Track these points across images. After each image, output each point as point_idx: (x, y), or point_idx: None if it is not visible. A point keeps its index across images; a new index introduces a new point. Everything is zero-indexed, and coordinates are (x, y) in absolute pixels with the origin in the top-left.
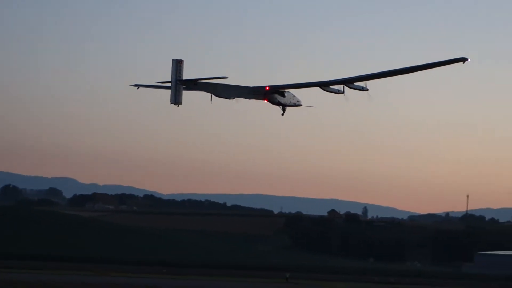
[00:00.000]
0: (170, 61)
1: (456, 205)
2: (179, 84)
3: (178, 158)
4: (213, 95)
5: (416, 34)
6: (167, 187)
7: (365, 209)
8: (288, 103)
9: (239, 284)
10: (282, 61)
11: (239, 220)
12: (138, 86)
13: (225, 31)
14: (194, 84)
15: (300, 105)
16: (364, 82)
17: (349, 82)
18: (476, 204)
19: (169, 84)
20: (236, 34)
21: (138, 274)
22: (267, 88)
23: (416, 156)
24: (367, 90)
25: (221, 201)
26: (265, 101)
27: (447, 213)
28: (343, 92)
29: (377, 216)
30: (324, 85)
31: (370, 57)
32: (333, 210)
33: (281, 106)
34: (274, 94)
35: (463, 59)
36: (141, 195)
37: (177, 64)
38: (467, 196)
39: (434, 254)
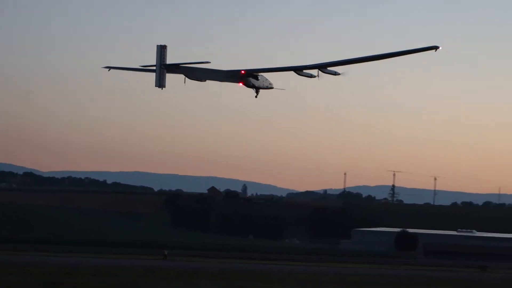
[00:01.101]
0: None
1: (333, 183)
2: (163, 68)
3: (58, 135)
4: (187, 78)
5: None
6: (46, 164)
7: (245, 187)
8: (261, 86)
9: (117, 261)
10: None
11: (119, 197)
12: (110, 68)
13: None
14: (177, 68)
15: (272, 88)
16: (337, 67)
17: (323, 67)
18: (353, 181)
19: (153, 68)
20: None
21: (16, 252)
22: (243, 72)
23: (294, 134)
24: (339, 74)
25: (101, 179)
26: (241, 84)
27: (325, 191)
28: (315, 76)
29: (256, 194)
30: (299, 70)
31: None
32: (213, 187)
33: (255, 89)
34: (248, 78)
35: (435, 47)
36: (20, 172)
37: (161, 49)
38: (345, 174)
39: (312, 231)
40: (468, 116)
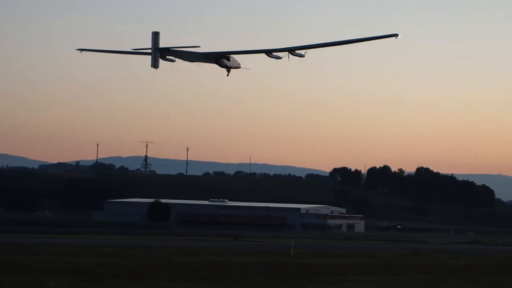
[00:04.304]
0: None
1: (86, 154)
2: (157, 51)
3: None
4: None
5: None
6: None
7: None
8: (232, 66)
9: None
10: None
11: None
12: (82, 50)
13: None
14: (168, 51)
15: (240, 67)
16: (304, 50)
17: (292, 50)
18: (106, 152)
19: (147, 51)
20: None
21: None
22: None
23: (44, 103)
24: (304, 56)
25: None
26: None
27: (78, 162)
28: (281, 58)
29: (6, 166)
30: (269, 52)
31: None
32: None
33: (226, 68)
34: (222, 59)
35: (395, 35)
36: None
37: (156, 35)
38: (97, 145)
39: (65, 203)
40: (215, 86)
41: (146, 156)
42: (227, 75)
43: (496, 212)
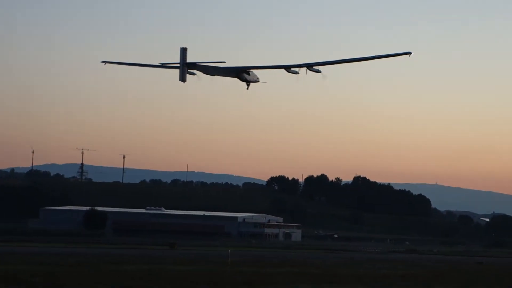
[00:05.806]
0: None
1: (21, 161)
2: (185, 66)
3: None
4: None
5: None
6: None
7: None
8: (252, 80)
9: None
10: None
11: None
12: (105, 62)
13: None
14: (194, 66)
15: (258, 81)
16: (321, 66)
17: (310, 66)
18: (41, 160)
19: (176, 65)
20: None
21: None
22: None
23: None
24: (320, 72)
25: None
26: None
27: (13, 169)
28: (298, 73)
29: None
30: (288, 67)
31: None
32: None
33: (246, 82)
34: (243, 73)
35: (408, 53)
36: None
37: (184, 51)
38: (32, 152)
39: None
40: (151, 95)
41: (82, 164)
42: (247, 88)
43: (432, 222)
